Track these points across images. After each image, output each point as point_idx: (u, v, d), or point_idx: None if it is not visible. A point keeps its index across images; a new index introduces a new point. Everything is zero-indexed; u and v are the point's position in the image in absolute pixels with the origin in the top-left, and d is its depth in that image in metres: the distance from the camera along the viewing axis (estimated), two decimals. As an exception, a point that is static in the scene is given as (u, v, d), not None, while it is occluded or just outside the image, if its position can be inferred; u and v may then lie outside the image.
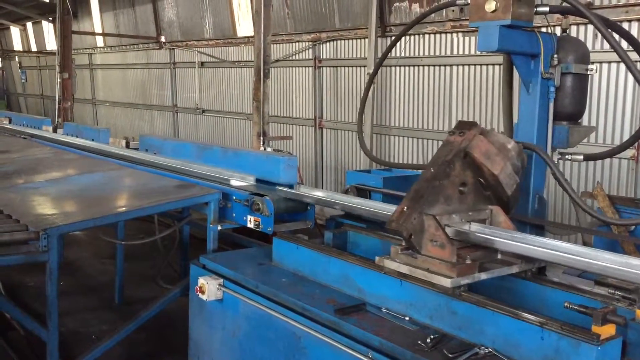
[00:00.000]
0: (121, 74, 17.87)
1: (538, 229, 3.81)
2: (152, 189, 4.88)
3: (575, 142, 3.98)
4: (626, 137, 6.45)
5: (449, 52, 8.57)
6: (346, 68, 10.30)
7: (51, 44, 20.83)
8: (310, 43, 10.82)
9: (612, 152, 4.41)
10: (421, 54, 8.93)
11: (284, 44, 11.30)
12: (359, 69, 10.01)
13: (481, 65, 8.12)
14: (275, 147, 9.19)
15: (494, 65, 7.84)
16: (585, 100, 4.00)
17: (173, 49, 15.01)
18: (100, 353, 4.33)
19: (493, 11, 3.49)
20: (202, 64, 14.02)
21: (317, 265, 3.57)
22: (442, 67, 8.68)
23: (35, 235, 3.74)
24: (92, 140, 7.48)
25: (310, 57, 10.89)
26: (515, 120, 4.07)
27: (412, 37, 8.89)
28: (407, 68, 9.17)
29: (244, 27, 12.71)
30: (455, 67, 8.51)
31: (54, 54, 14.82)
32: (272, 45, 8.76)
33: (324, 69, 10.74)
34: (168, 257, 5.59)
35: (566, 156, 4.00)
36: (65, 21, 13.54)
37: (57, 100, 13.52)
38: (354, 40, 10.05)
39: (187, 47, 14.44)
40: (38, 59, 22.99)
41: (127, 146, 7.42)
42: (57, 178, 5.61)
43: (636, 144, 6.23)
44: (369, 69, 9.06)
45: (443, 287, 2.78)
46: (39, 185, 5.22)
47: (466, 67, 8.35)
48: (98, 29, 18.06)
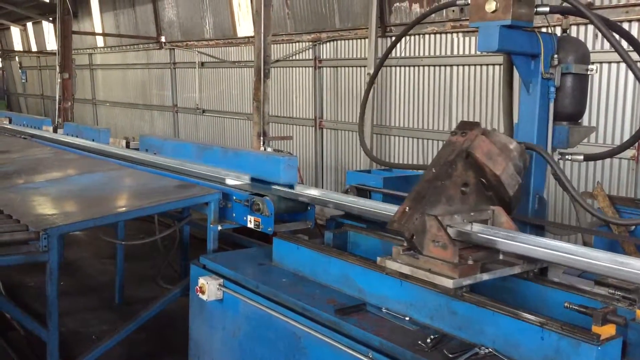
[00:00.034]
0: (121, 74, 17.87)
1: (538, 229, 3.80)
2: (152, 189, 4.88)
3: (576, 142, 3.98)
4: (626, 137, 6.45)
5: (449, 53, 8.57)
6: (346, 68, 10.30)
7: (51, 44, 20.83)
8: (310, 43, 10.82)
9: (612, 152, 4.41)
10: (421, 54, 8.93)
11: (284, 44, 11.29)
12: (359, 69, 10.00)
13: (481, 65, 8.12)
14: (275, 147, 9.19)
15: (494, 65, 7.84)
16: (586, 101, 4.00)
17: (173, 49, 15.01)
18: (100, 353, 4.33)
19: (493, 11, 3.49)
20: (202, 64, 14.02)
21: (318, 266, 3.57)
22: (443, 68, 8.68)
23: (35, 236, 3.75)
24: (93, 140, 7.48)
25: (310, 57, 10.89)
26: (516, 120, 4.06)
27: (412, 37, 8.89)
28: (407, 68, 9.17)
29: (244, 27, 12.71)
30: (455, 67, 8.51)
31: (54, 54, 14.82)
32: (272, 46, 8.76)
33: (324, 69, 10.74)
34: (168, 257, 5.59)
35: (566, 156, 4.00)
36: (65, 21, 13.54)
37: (57, 101, 13.52)
38: (354, 41, 10.05)
39: (188, 47, 14.44)
40: (38, 59, 22.99)
41: (127, 146, 7.42)
42: (58, 178, 5.61)
43: (636, 144, 6.23)
44: (369, 69, 9.06)
45: (445, 288, 2.77)
46: (39, 186, 5.22)
47: (466, 67, 8.35)
48: (98, 29, 18.06)
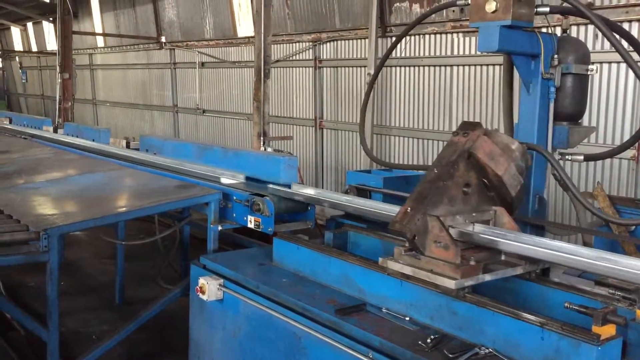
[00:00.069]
0: (121, 74, 17.88)
1: (538, 229, 3.80)
2: (152, 189, 4.89)
3: (576, 142, 3.97)
4: (626, 137, 6.45)
5: (449, 53, 8.57)
6: (346, 68, 10.30)
7: (52, 44, 20.83)
8: (310, 43, 10.82)
9: (613, 153, 4.40)
10: (421, 54, 8.93)
11: (285, 44, 11.30)
12: (359, 69, 10.01)
13: (481, 65, 8.13)
14: (275, 148, 9.20)
15: (494, 65, 7.84)
16: (586, 101, 4.00)
17: (173, 49, 15.01)
18: (100, 353, 4.32)
19: (493, 11, 3.48)
20: (202, 64, 14.02)
21: (318, 266, 3.57)
22: (443, 68, 8.68)
23: (35, 236, 3.75)
24: (93, 140, 7.48)
25: (310, 58, 10.89)
26: (516, 120, 4.06)
27: (413, 37, 8.89)
28: (407, 68, 9.17)
29: (245, 27, 12.71)
30: (455, 68, 8.51)
31: (54, 54, 14.82)
32: (272, 46, 8.76)
33: (325, 69, 10.74)
34: (168, 257, 5.59)
35: (566, 156, 3.99)
36: (65, 21, 13.55)
37: (57, 101, 13.52)
38: (355, 41, 10.05)
39: (188, 47, 14.45)
40: (38, 59, 23.00)
41: (128, 146, 7.43)
42: (58, 178, 5.61)
43: (636, 145, 6.23)
44: (370, 69, 9.07)
45: (447, 288, 2.77)
46: (39, 186, 5.22)
47: (466, 68, 8.35)
48: (98, 29, 18.07)
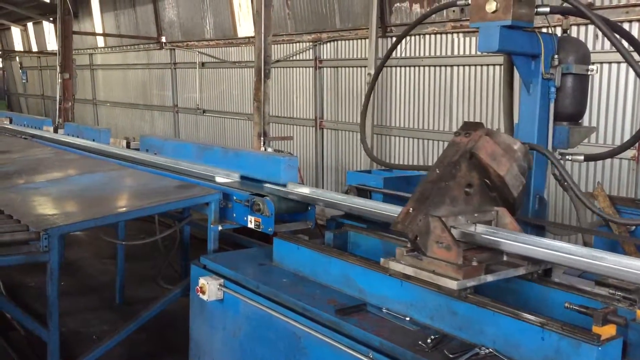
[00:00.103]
0: (122, 74, 17.88)
1: (538, 229, 3.80)
2: (152, 189, 4.89)
3: (576, 142, 3.97)
4: (627, 137, 6.46)
5: (449, 53, 8.57)
6: (347, 68, 10.30)
7: (52, 44, 20.84)
8: (310, 43, 10.82)
9: (613, 153, 4.39)
10: (422, 54, 8.92)
11: (285, 45, 11.30)
12: (359, 69, 10.00)
13: (482, 65, 8.12)
14: (275, 148, 9.20)
15: (494, 65, 7.84)
16: (586, 101, 4.00)
17: (174, 49, 15.01)
18: (101, 353, 4.33)
19: (494, 12, 3.48)
20: (202, 64, 14.02)
21: (318, 266, 3.57)
22: (443, 68, 8.68)
23: (36, 236, 3.75)
24: (93, 140, 7.48)
25: (310, 58, 10.89)
26: (516, 120, 4.06)
27: (413, 37, 8.89)
28: (407, 68, 9.17)
29: (245, 27, 12.71)
30: (455, 68, 8.51)
31: (54, 54, 14.83)
32: (272, 46, 8.76)
33: (325, 69, 10.74)
34: (169, 258, 5.59)
35: (567, 157, 3.99)
36: (66, 21, 13.55)
37: (57, 101, 13.52)
38: (355, 41, 10.05)
39: (188, 47, 14.45)
40: (39, 59, 23.00)
41: (128, 146, 7.43)
42: (58, 178, 5.61)
43: (637, 145, 6.23)
44: (370, 70, 9.07)
45: (449, 289, 2.76)
46: (39, 186, 5.22)
47: (467, 68, 8.35)
48: (99, 29, 18.07)
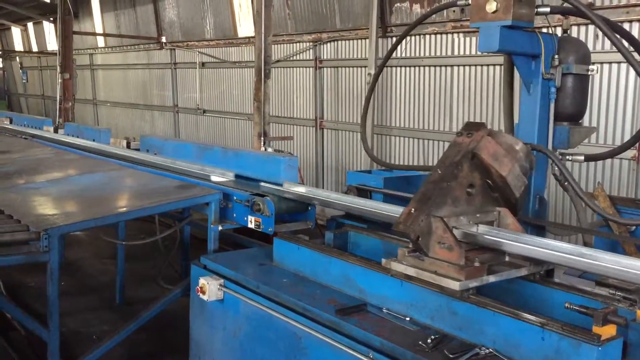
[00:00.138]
0: (122, 74, 17.88)
1: (539, 229, 3.80)
2: (152, 189, 4.89)
3: (576, 142, 3.97)
4: (627, 137, 6.46)
5: (449, 53, 8.57)
6: (347, 68, 10.30)
7: (52, 44, 20.84)
8: (311, 43, 10.82)
9: (613, 153, 4.40)
10: (422, 54, 8.92)
11: (285, 45, 11.30)
12: (359, 69, 10.00)
13: (482, 65, 8.12)
14: (276, 148, 9.20)
15: (494, 65, 7.83)
16: (586, 101, 4.00)
17: (174, 49, 15.01)
18: (101, 353, 4.33)
19: (494, 12, 3.48)
20: (203, 65, 14.02)
21: (318, 266, 3.57)
22: (443, 68, 8.68)
23: (36, 236, 3.75)
24: (93, 140, 7.48)
25: (311, 58, 10.89)
26: (516, 120, 4.06)
27: (413, 37, 8.88)
28: (407, 69, 9.17)
29: (245, 27, 12.71)
30: (456, 68, 8.51)
31: (55, 54, 14.83)
32: (272, 46, 8.76)
33: (325, 69, 10.74)
34: (169, 258, 5.59)
35: (567, 157, 3.99)
36: (66, 21, 13.55)
37: (58, 101, 13.52)
38: (355, 41, 10.05)
39: (188, 47, 14.45)
40: (39, 59, 23.00)
41: (128, 146, 7.42)
42: (58, 178, 5.61)
43: (637, 145, 6.23)
44: (370, 70, 9.07)
45: (451, 290, 2.76)
46: (40, 186, 5.22)
47: (467, 68, 8.35)
48: (99, 29, 18.07)
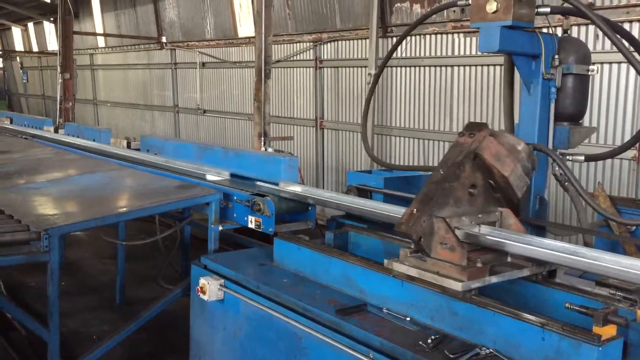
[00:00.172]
0: (122, 75, 17.88)
1: (539, 229, 3.80)
2: (153, 189, 4.89)
3: (576, 142, 3.97)
4: (627, 137, 6.46)
5: (450, 53, 8.57)
6: (347, 69, 10.30)
7: (52, 44, 20.84)
8: (311, 43, 10.82)
9: (613, 153, 4.40)
10: (422, 54, 8.92)
11: (285, 45, 11.30)
12: (360, 69, 10.00)
13: (482, 65, 8.12)
14: (276, 148, 9.20)
15: (495, 65, 7.83)
16: (586, 101, 4.00)
17: (174, 49, 15.01)
18: (101, 353, 4.33)
19: (494, 12, 3.48)
20: (203, 65, 14.02)
21: (318, 266, 3.57)
22: (443, 68, 8.68)
23: (36, 236, 3.75)
24: (94, 140, 7.49)
25: (311, 58, 10.89)
26: (517, 120, 4.06)
27: (413, 37, 8.88)
28: (408, 69, 9.17)
29: (245, 27, 12.71)
30: (456, 68, 8.51)
31: (55, 54, 14.84)
32: (273, 46, 8.76)
33: (325, 69, 10.74)
34: (169, 258, 5.60)
35: (567, 157, 3.99)
36: (66, 21, 13.56)
37: (58, 101, 13.53)
38: (355, 41, 10.05)
39: (188, 47, 14.45)
40: (39, 60, 23.00)
41: (128, 146, 7.42)
42: (59, 178, 5.61)
43: (637, 145, 6.23)
44: (370, 70, 9.07)
45: (454, 291, 2.75)
46: (40, 186, 5.23)
47: (467, 68, 8.35)
48: (99, 29, 18.07)
